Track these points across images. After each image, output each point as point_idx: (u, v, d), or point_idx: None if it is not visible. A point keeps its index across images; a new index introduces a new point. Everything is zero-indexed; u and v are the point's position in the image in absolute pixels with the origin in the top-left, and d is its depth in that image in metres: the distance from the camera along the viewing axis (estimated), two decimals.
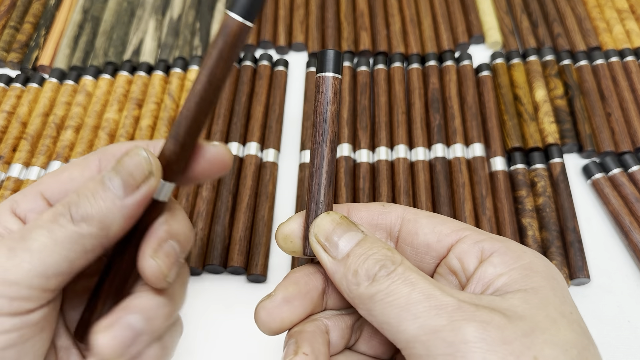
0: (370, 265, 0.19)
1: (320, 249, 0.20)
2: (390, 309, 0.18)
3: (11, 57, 0.48)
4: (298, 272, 0.21)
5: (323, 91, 0.21)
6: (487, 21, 0.49)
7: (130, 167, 0.19)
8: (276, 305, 0.20)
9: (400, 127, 0.42)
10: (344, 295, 0.20)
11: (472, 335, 0.16)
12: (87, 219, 0.19)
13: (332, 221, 0.21)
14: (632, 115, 0.42)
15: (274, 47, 0.49)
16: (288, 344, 0.20)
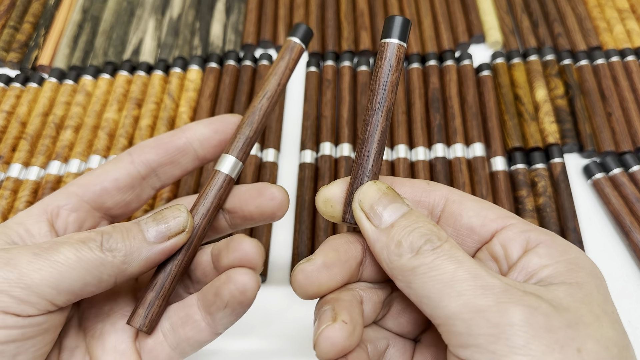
0: (415, 238, 0.19)
1: (363, 216, 0.20)
2: (432, 284, 0.18)
3: (11, 57, 0.48)
4: (338, 239, 0.21)
5: (386, 57, 0.21)
6: (488, 21, 0.49)
7: (169, 220, 0.22)
8: (316, 269, 0.20)
9: (401, 127, 0.41)
10: (383, 265, 0.19)
11: (519, 319, 0.16)
12: (114, 250, 0.20)
13: (378, 190, 0.20)
14: (632, 115, 0.42)
15: (274, 47, 0.49)
16: (323, 311, 0.19)
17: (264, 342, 0.33)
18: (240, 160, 0.24)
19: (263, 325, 0.34)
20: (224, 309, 0.22)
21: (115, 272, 0.20)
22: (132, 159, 0.24)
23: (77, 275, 0.19)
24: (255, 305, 0.34)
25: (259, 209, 0.24)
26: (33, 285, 0.19)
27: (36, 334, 0.20)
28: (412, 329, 0.22)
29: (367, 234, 0.20)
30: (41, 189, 0.39)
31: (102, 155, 0.41)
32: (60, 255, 0.19)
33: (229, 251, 0.22)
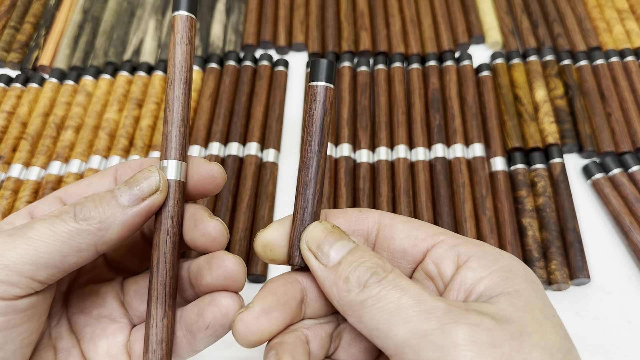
0: (361, 273, 0.19)
1: (312, 256, 0.20)
2: (380, 314, 0.18)
3: (11, 57, 0.48)
4: (275, 281, 0.21)
5: (320, 100, 0.21)
6: (487, 21, 0.49)
7: (140, 181, 0.21)
8: (254, 317, 0.20)
9: (401, 127, 0.42)
10: (334, 302, 0.20)
11: (462, 338, 0.16)
12: (89, 218, 0.20)
13: (324, 229, 0.21)
14: (632, 115, 0.42)
15: (274, 47, 0.49)
16: (269, 357, 0.19)
17: None
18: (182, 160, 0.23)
19: None
20: (205, 330, 0.22)
21: (93, 240, 0.20)
22: (117, 176, 0.24)
23: (54, 248, 0.19)
24: None
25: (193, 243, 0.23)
26: (10, 264, 0.19)
27: (21, 321, 0.20)
28: (365, 357, 0.22)
29: (316, 273, 0.20)
30: (42, 189, 0.39)
31: (103, 156, 0.41)
32: (34, 232, 0.19)
33: (212, 269, 0.22)
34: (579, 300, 0.35)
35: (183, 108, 0.22)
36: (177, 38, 0.23)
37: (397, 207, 0.37)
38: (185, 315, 0.22)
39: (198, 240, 0.22)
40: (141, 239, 0.25)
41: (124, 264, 0.25)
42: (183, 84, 0.22)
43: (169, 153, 0.22)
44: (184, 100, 0.22)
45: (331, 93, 0.21)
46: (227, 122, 0.43)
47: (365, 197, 0.38)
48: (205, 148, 0.41)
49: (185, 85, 0.22)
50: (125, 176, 0.24)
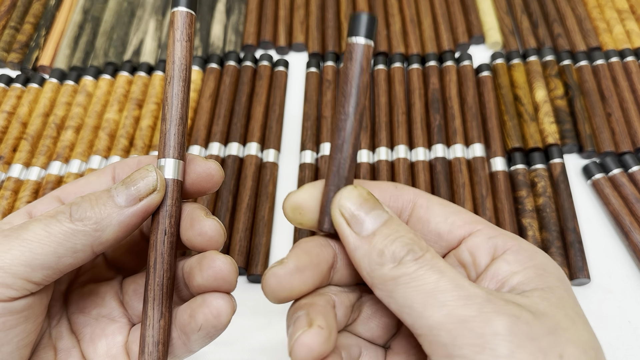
0: (397, 248, 0.18)
1: (344, 223, 0.20)
2: (414, 294, 0.17)
3: (11, 58, 0.48)
4: (310, 242, 0.20)
5: (356, 59, 0.20)
6: (487, 21, 0.49)
7: (137, 181, 0.21)
8: (288, 272, 0.19)
9: (401, 128, 0.42)
10: (363, 274, 0.19)
11: (503, 328, 0.16)
12: (84, 219, 0.20)
13: (359, 196, 0.20)
14: (632, 115, 0.42)
15: (274, 48, 0.49)
16: (297, 317, 0.19)
17: (264, 341, 0.33)
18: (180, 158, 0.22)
19: (263, 326, 0.34)
20: (198, 331, 0.22)
21: (89, 241, 0.20)
22: (114, 175, 0.24)
23: (49, 249, 0.19)
24: (256, 304, 0.34)
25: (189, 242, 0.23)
26: (5, 266, 0.18)
27: (17, 322, 0.19)
28: (382, 334, 0.22)
29: (347, 240, 0.19)
30: (42, 190, 0.39)
31: (103, 156, 0.41)
32: (29, 233, 0.19)
33: (202, 269, 0.21)
34: (579, 300, 0.35)
35: (182, 106, 0.22)
36: (177, 34, 0.22)
37: None
38: (179, 316, 0.22)
39: (194, 240, 0.22)
40: (140, 238, 0.25)
41: (124, 263, 0.25)
42: (182, 81, 0.22)
43: (167, 151, 0.22)
44: (183, 98, 0.22)
45: (369, 51, 0.20)
46: (227, 122, 0.43)
47: None
48: (205, 148, 0.41)
49: (185, 83, 0.22)
50: (123, 175, 0.23)
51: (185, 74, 0.22)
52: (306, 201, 0.21)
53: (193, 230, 0.22)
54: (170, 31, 0.22)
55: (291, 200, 0.21)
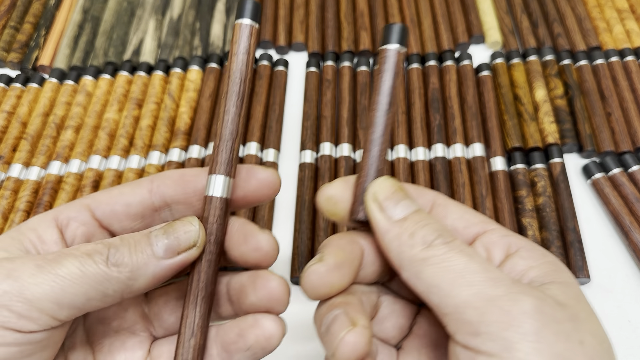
0: (427, 232, 0.19)
1: (376, 208, 0.21)
2: (443, 273, 0.18)
3: (11, 57, 0.48)
4: (342, 239, 0.21)
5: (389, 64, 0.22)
6: (487, 21, 0.49)
7: (179, 234, 0.20)
8: (328, 269, 0.19)
9: (400, 127, 0.42)
10: (391, 256, 0.20)
11: (530, 308, 0.17)
12: (121, 265, 0.19)
13: (392, 186, 0.21)
14: (632, 115, 0.42)
15: (274, 47, 0.49)
16: (334, 315, 0.19)
17: None
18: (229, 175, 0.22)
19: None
20: (245, 351, 0.22)
21: (121, 288, 0.20)
22: (151, 188, 0.23)
23: (80, 290, 0.19)
24: None
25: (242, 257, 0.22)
26: (34, 300, 0.18)
27: (35, 350, 0.19)
28: (395, 334, 0.23)
29: (378, 224, 0.20)
30: (42, 189, 0.39)
31: (103, 156, 0.41)
32: (63, 269, 0.18)
33: (256, 289, 0.21)
34: None
35: (232, 122, 0.22)
36: (235, 47, 0.22)
37: None
38: (223, 334, 0.22)
39: (249, 255, 0.22)
40: None
41: None
42: (236, 95, 0.22)
43: (216, 168, 0.22)
44: (235, 113, 0.22)
45: (401, 57, 0.22)
46: None
47: None
48: (205, 148, 0.41)
49: (238, 98, 0.22)
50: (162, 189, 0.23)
51: (241, 88, 0.22)
52: (339, 192, 0.22)
53: (247, 245, 0.22)
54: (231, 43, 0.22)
55: (325, 191, 0.22)
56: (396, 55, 0.22)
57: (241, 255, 0.22)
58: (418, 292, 0.19)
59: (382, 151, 0.22)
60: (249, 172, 0.23)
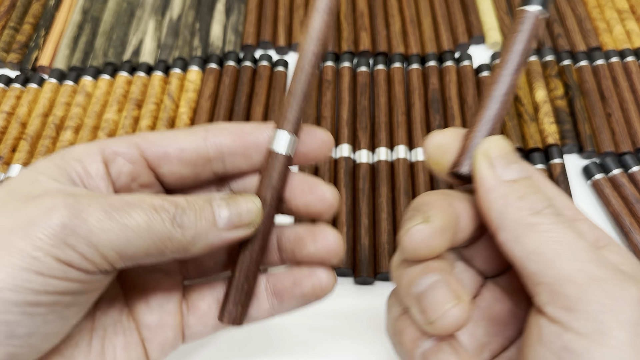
0: (538, 199, 0.19)
1: (486, 164, 0.20)
2: (548, 243, 0.18)
3: (11, 58, 0.48)
4: (442, 200, 0.20)
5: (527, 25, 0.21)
6: (487, 21, 0.49)
7: (242, 210, 0.21)
8: (435, 232, 0.19)
9: (400, 128, 0.41)
10: (491, 215, 0.19)
11: (636, 297, 0.16)
12: (185, 228, 0.20)
13: (506, 146, 0.20)
14: (632, 115, 0.42)
15: (274, 48, 0.49)
16: (434, 282, 0.18)
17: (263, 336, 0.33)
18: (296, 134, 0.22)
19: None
20: (299, 297, 0.23)
21: (178, 250, 0.20)
22: (206, 136, 0.23)
23: (143, 245, 0.19)
24: None
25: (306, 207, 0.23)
26: (99, 246, 0.18)
27: (91, 289, 0.20)
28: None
29: (485, 180, 0.19)
30: None
31: None
32: (131, 220, 0.19)
33: (316, 240, 0.23)
34: None
35: (307, 81, 0.22)
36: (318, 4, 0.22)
37: (397, 208, 0.37)
38: (276, 282, 0.23)
39: (314, 205, 0.23)
40: None
41: None
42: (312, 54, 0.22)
43: (285, 124, 0.22)
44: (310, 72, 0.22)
45: (540, 22, 0.21)
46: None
47: (365, 198, 0.38)
48: None
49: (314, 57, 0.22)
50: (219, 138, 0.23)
51: (317, 48, 0.22)
52: (450, 142, 0.21)
53: (313, 195, 0.23)
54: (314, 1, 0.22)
55: (435, 139, 0.21)
56: (535, 19, 0.21)
57: (305, 205, 0.23)
58: (514, 256, 0.18)
59: (501, 110, 0.21)
60: (310, 131, 0.23)
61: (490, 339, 0.22)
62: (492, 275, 0.23)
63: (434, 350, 0.18)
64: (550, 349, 0.17)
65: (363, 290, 0.35)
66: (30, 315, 0.18)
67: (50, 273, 0.18)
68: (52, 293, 0.18)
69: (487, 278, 0.23)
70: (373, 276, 0.35)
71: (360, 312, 0.34)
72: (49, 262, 0.18)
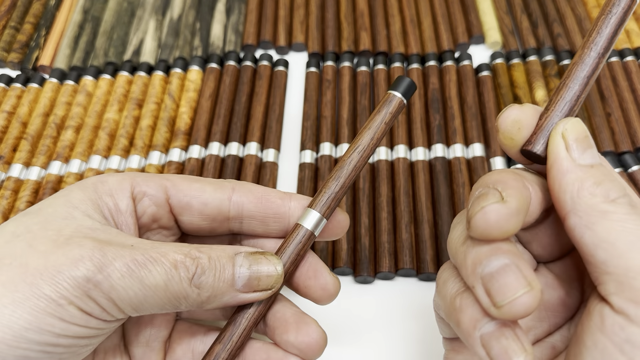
0: (614, 187, 0.18)
1: (563, 145, 0.19)
2: (622, 233, 0.17)
3: (11, 57, 0.48)
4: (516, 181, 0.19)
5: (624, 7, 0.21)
6: (487, 21, 0.49)
7: (262, 273, 0.21)
8: (511, 213, 0.18)
9: (400, 127, 0.42)
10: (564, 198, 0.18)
11: None
12: (202, 288, 0.20)
13: (585, 130, 0.19)
14: (632, 115, 0.42)
15: (274, 47, 0.49)
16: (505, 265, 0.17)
17: None
18: (325, 216, 0.23)
19: None
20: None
21: (193, 306, 0.20)
22: (231, 196, 0.23)
23: (159, 302, 0.20)
24: None
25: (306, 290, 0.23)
26: (118, 301, 0.19)
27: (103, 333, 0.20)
28: None
29: (560, 162, 0.19)
30: (42, 189, 0.39)
31: (103, 156, 0.41)
32: (150, 278, 0.19)
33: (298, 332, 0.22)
34: None
35: (351, 175, 0.23)
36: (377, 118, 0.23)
37: (397, 207, 0.37)
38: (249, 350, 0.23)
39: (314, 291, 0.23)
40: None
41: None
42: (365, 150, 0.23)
43: (318, 206, 0.23)
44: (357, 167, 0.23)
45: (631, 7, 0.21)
46: (227, 122, 0.43)
47: (365, 197, 0.38)
48: (205, 148, 0.41)
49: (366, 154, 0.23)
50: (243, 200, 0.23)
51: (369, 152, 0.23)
52: (528, 118, 0.20)
53: (316, 281, 0.23)
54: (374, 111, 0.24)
55: (511, 113, 0.21)
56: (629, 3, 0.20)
57: (306, 288, 0.23)
58: (583, 242, 0.18)
59: (582, 92, 0.20)
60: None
61: (536, 324, 0.22)
62: (547, 260, 0.23)
63: (495, 334, 0.18)
64: (612, 339, 0.17)
65: (363, 289, 0.35)
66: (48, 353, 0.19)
67: (72, 320, 0.19)
68: (71, 337, 0.19)
69: (539, 263, 0.23)
70: (373, 275, 0.35)
71: (361, 311, 0.34)
72: (71, 310, 0.18)
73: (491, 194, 0.18)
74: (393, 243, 0.36)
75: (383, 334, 0.33)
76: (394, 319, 0.34)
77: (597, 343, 0.17)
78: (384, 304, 0.35)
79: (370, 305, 0.34)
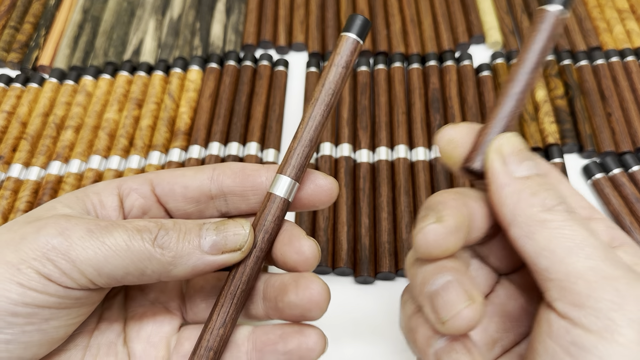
0: (550, 196, 0.19)
1: (499, 161, 0.20)
2: (561, 240, 0.18)
3: (11, 57, 0.48)
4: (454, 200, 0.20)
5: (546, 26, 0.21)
6: (488, 21, 0.49)
7: (229, 234, 0.21)
8: (448, 232, 0.18)
9: (401, 127, 0.42)
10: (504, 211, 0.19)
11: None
12: (165, 248, 0.20)
13: (520, 143, 0.20)
14: (632, 115, 0.42)
15: (274, 47, 0.49)
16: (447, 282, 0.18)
17: None
18: (296, 179, 0.22)
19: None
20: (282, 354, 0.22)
21: (159, 270, 0.20)
22: (212, 176, 0.23)
23: (121, 263, 0.19)
24: None
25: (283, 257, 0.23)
26: (77, 261, 0.19)
27: (72, 305, 0.20)
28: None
29: (497, 176, 0.19)
30: (42, 189, 0.39)
31: (103, 156, 0.41)
32: (110, 239, 0.19)
33: (298, 288, 0.21)
34: None
35: (316, 129, 0.22)
36: (336, 59, 0.22)
37: (397, 207, 0.37)
38: (261, 334, 0.22)
39: (289, 257, 0.22)
40: None
41: None
42: (325, 105, 0.22)
43: (287, 170, 0.22)
44: (320, 122, 0.22)
45: (560, 22, 0.21)
46: (227, 122, 0.43)
47: (365, 197, 0.38)
48: (205, 148, 0.41)
49: (327, 108, 0.22)
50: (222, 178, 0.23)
51: (331, 99, 0.22)
52: (462, 136, 0.21)
53: (291, 246, 0.22)
54: (332, 54, 0.22)
55: (447, 133, 0.21)
56: (555, 19, 0.21)
57: (282, 255, 0.22)
58: (525, 252, 0.18)
59: (516, 108, 0.21)
60: (310, 176, 0.23)
61: (502, 335, 0.22)
62: (507, 272, 0.23)
63: (446, 349, 0.19)
64: (559, 343, 0.17)
65: (363, 290, 0.35)
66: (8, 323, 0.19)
67: (29, 285, 0.19)
68: (29, 305, 0.19)
69: (501, 275, 0.23)
70: (373, 275, 0.35)
71: (361, 312, 0.34)
72: (29, 274, 0.18)
73: (430, 215, 0.19)
74: (393, 243, 0.36)
75: (383, 334, 0.33)
76: (394, 319, 0.34)
77: (547, 348, 0.18)
78: (384, 305, 0.35)
79: (370, 306, 0.34)
